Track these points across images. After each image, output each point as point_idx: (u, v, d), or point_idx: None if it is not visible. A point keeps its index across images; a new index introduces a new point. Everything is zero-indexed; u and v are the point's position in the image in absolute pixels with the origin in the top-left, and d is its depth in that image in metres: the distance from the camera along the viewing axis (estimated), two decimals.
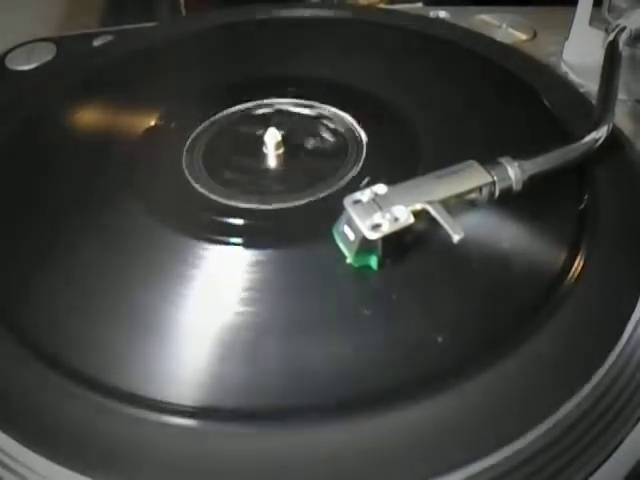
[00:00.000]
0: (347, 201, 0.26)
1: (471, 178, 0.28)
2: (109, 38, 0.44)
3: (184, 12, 0.59)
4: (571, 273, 0.27)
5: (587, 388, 0.24)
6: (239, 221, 0.29)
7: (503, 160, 0.28)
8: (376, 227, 0.26)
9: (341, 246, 0.27)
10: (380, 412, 0.23)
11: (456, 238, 0.25)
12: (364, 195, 0.27)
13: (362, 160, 0.32)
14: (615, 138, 0.32)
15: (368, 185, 0.27)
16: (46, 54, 0.44)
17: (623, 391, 0.25)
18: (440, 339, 0.25)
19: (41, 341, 0.26)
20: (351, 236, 0.26)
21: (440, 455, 0.22)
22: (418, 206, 0.26)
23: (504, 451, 0.22)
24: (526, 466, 0.22)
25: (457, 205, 0.27)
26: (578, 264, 0.27)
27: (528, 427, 0.22)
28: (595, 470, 0.23)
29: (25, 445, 0.23)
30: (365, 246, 0.26)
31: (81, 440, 0.23)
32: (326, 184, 0.31)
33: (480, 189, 0.28)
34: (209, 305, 0.27)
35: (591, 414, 0.24)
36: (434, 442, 0.22)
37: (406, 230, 0.26)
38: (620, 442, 0.24)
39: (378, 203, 0.26)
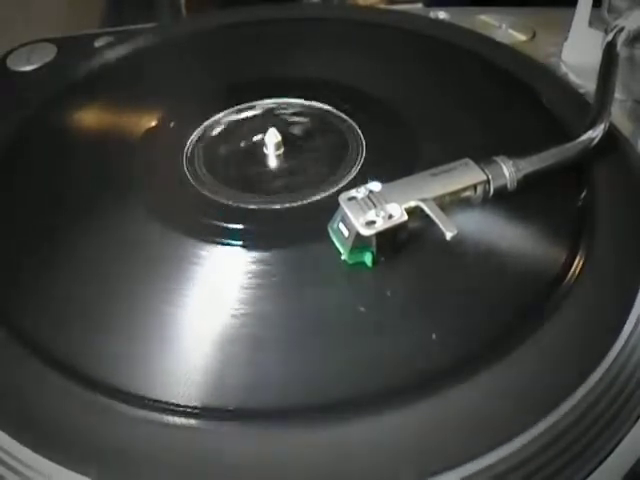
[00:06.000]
0: (342, 198, 0.27)
1: (465, 176, 0.28)
2: (110, 39, 0.44)
3: (184, 13, 0.59)
4: (570, 272, 0.27)
5: (586, 388, 0.24)
6: (239, 221, 0.29)
7: (498, 158, 0.28)
8: (370, 224, 0.26)
9: (336, 243, 0.27)
10: (380, 412, 0.23)
11: (449, 235, 0.25)
12: (359, 192, 0.27)
13: (362, 160, 0.32)
14: (614, 138, 0.33)
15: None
16: (47, 55, 0.44)
17: (622, 391, 0.25)
18: (437, 338, 0.25)
19: (41, 341, 0.26)
20: (345, 233, 0.26)
21: (439, 455, 0.22)
22: (412, 203, 0.26)
23: (503, 451, 0.22)
24: (525, 466, 0.22)
25: (452, 203, 0.28)
26: (577, 263, 0.27)
27: (527, 427, 0.23)
28: (594, 470, 0.23)
29: (25, 445, 0.23)
30: (359, 242, 0.26)
31: (81, 440, 0.23)
32: (326, 184, 0.31)
33: (475, 187, 0.28)
34: (210, 305, 0.27)
35: (590, 414, 0.24)
36: (433, 442, 0.22)
37: (401, 227, 0.26)
38: (619, 442, 0.24)
39: (372, 200, 0.26)
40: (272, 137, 0.32)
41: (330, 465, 0.22)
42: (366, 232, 0.26)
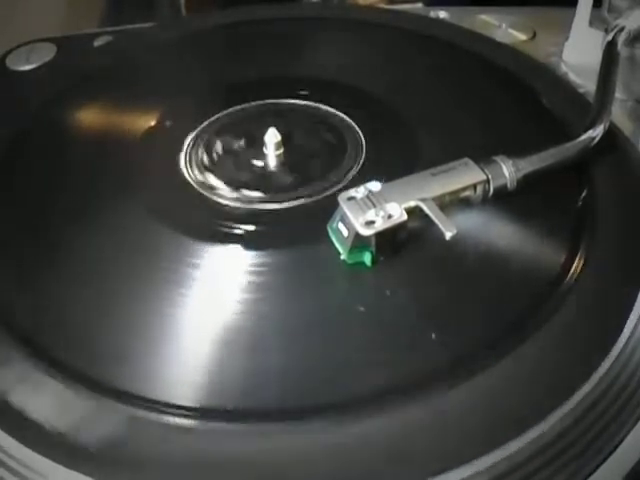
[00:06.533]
0: (341, 198, 0.27)
1: (465, 176, 0.28)
2: (109, 38, 0.44)
3: (184, 12, 0.59)
4: (570, 272, 0.27)
5: (586, 388, 0.24)
6: (239, 221, 0.29)
7: (498, 158, 0.28)
8: (369, 224, 0.26)
9: (335, 243, 0.27)
10: (379, 413, 0.23)
11: (448, 235, 0.25)
12: (358, 192, 0.27)
13: (362, 160, 0.32)
14: (614, 137, 0.33)
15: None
16: (46, 54, 0.44)
17: (623, 391, 0.25)
18: (437, 338, 0.25)
19: (42, 341, 0.26)
20: (345, 232, 0.26)
21: (438, 455, 0.22)
22: (411, 203, 0.26)
23: (503, 451, 0.22)
24: (526, 466, 0.22)
25: (452, 203, 0.28)
26: (577, 263, 0.27)
27: (527, 427, 0.22)
28: (595, 470, 0.23)
29: (25, 445, 0.23)
30: (358, 242, 0.26)
31: (81, 440, 0.23)
32: (326, 184, 0.31)
33: (474, 187, 0.28)
34: (209, 305, 0.27)
35: (591, 414, 0.24)
36: (432, 442, 0.22)
37: (400, 227, 0.26)
38: (620, 442, 0.24)
39: (372, 200, 0.26)
40: (272, 137, 0.32)
41: (329, 465, 0.22)
42: (365, 232, 0.26)
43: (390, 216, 0.26)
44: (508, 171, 0.28)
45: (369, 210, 0.26)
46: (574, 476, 0.23)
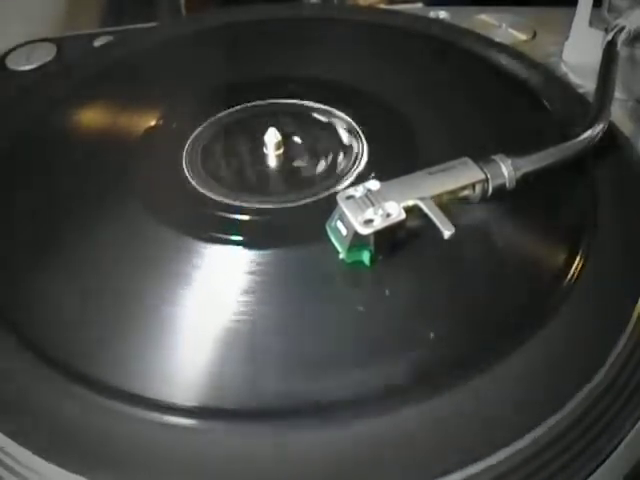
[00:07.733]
0: (340, 197, 0.27)
1: (464, 175, 0.28)
2: (109, 38, 0.44)
3: (184, 12, 0.59)
4: (571, 273, 0.27)
5: (587, 388, 0.24)
6: (239, 221, 0.29)
7: (497, 157, 0.28)
8: (368, 222, 0.26)
9: (334, 242, 0.27)
10: (381, 413, 0.23)
11: (447, 234, 0.25)
12: (357, 191, 0.27)
13: (362, 160, 0.32)
14: (614, 137, 0.33)
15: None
16: (46, 54, 0.44)
17: (623, 390, 0.25)
18: (437, 339, 0.25)
19: (41, 341, 0.26)
20: (344, 231, 0.26)
21: (439, 456, 0.22)
22: (410, 202, 0.26)
23: (503, 452, 0.22)
24: (525, 467, 0.22)
25: (451, 202, 0.28)
26: (578, 263, 0.27)
27: (528, 427, 0.22)
28: (594, 470, 0.23)
29: (24, 445, 0.23)
30: (357, 241, 0.26)
31: (80, 440, 0.23)
32: (326, 184, 0.31)
33: (473, 186, 0.28)
34: (209, 305, 0.27)
35: (591, 414, 0.24)
36: (432, 443, 0.22)
37: (399, 226, 0.26)
38: (620, 441, 0.24)
39: (370, 199, 0.26)
40: (272, 137, 0.32)
41: (330, 466, 0.22)
42: (364, 231, 0.26)
43: (389, 215, 0.26)
44: (507, 170, 0.28)
45: (368, 209, 0.26)
46: (574, 476, 0.23)
